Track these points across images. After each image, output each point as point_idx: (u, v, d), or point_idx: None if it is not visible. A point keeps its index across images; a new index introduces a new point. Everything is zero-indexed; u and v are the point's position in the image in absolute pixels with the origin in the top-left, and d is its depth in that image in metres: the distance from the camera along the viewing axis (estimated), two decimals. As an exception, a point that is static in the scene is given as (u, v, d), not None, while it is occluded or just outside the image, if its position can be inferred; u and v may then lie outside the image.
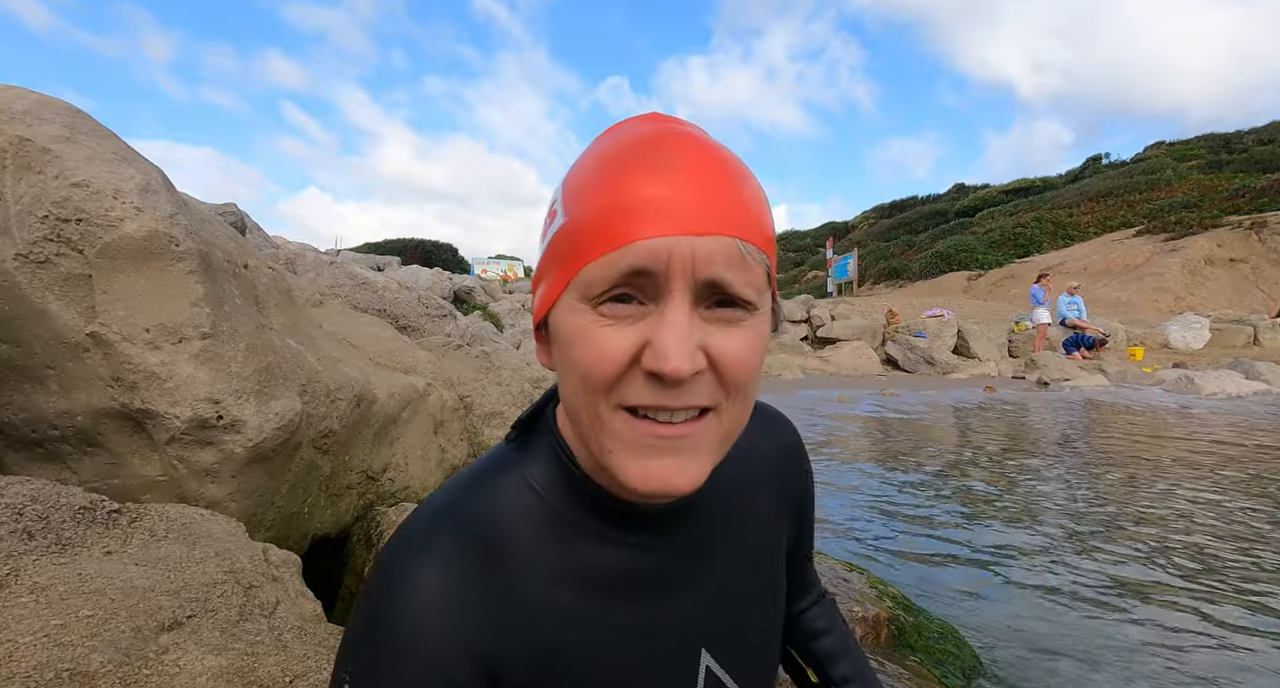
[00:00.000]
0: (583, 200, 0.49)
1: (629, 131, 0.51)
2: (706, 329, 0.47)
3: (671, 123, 0.51)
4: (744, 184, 0.48)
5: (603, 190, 0.47)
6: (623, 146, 0.49)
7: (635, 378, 0.47)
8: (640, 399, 0.47)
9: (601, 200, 0.47)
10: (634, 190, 0.46)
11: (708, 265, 0.45)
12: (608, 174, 0.48)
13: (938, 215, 40.07)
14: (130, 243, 1.53)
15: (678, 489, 0.48)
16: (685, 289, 0.46)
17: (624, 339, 0.46)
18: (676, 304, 0.46)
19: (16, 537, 1.16)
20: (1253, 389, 8.37)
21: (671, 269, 0.45)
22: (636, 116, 0.54)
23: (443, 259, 32.61)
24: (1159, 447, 5.39)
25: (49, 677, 0.91)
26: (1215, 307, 18.00)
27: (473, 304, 15.96)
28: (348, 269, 3.47)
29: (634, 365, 0.47)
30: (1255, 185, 24.81)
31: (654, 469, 0.48)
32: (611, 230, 0.46)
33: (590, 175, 0.49)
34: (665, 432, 0.47)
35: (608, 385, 0.47)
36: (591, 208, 0.47)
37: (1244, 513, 3.54)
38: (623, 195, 0.46)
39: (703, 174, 0.47)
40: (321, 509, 2.03)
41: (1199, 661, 2.10)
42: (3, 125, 1.51)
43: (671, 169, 0.47)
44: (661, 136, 0.49)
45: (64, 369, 1.55)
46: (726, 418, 0.50)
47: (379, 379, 2.36)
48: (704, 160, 0.48)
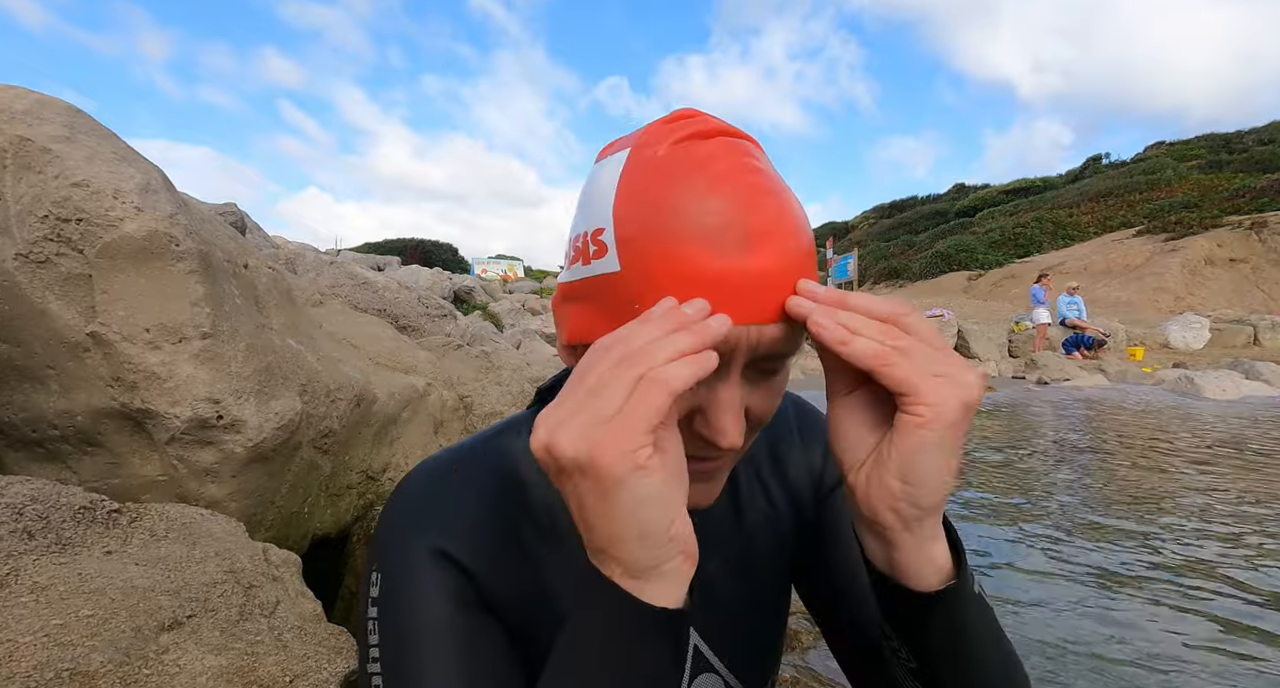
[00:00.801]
0: (643, 254, 0.45)
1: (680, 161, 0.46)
2: (748, 390, 0.48)
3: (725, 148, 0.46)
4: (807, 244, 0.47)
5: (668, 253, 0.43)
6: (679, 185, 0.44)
7: (683, 430, 0.46)
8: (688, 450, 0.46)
9: (667, 267, 0.43)
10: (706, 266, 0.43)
11: (768, 346, 0.46)
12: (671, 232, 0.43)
13: (938, 215, 40.08)
14: (130, 243, 1.53)
15: (702, 507, 0.51)
16: (740, 365, 0.46)
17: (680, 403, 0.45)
18: (733, 383, 0.46)
19: (16, 537, 1.16)
20: (1253, 390, 8.37)
21: (735, 353, 0.45)
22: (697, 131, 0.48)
23: (443, 259, 32.63)
24: (1164, 446, 5.39)
25: (49, 677, 0.91)
26: (1215, 307, 18.00)
27: (473, 304, 15.97)
28: (348, 269, 3.47)
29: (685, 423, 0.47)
30: (1255, 185, 24.81)
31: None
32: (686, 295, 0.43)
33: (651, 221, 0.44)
34: (700, 468, 0.49)
35: None
36: (656, 272, 0.44)
37: (1251, 511, 3.54)
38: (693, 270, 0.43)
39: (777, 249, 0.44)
40: (322, 509, 2.03)
41: (1200, 662, 2.09)
42: (3, 125, 1.51)
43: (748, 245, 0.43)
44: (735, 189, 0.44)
45: (64, 369, 1.55)
46: (745, 447, 0.53)
47: (379, 379, 2.36)
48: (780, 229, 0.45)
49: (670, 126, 0.48)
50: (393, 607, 0.52)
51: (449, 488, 0.57)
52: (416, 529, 0.54)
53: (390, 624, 0.51)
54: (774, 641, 0.70)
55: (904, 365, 0.41)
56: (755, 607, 0.67)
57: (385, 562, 0.54)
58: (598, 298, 0.48)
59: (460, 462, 0.60)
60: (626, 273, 0.45)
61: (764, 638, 0.68)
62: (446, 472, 0.59)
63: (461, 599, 0.52)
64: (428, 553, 0.53)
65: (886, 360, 0.41)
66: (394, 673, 0.50)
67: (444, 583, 0.52)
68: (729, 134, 0.48)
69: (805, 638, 1.97)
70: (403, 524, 0.55)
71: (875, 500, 0.44)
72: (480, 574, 0.54)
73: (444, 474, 0.59)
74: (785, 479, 0.69)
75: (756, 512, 0.67)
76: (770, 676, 0.69)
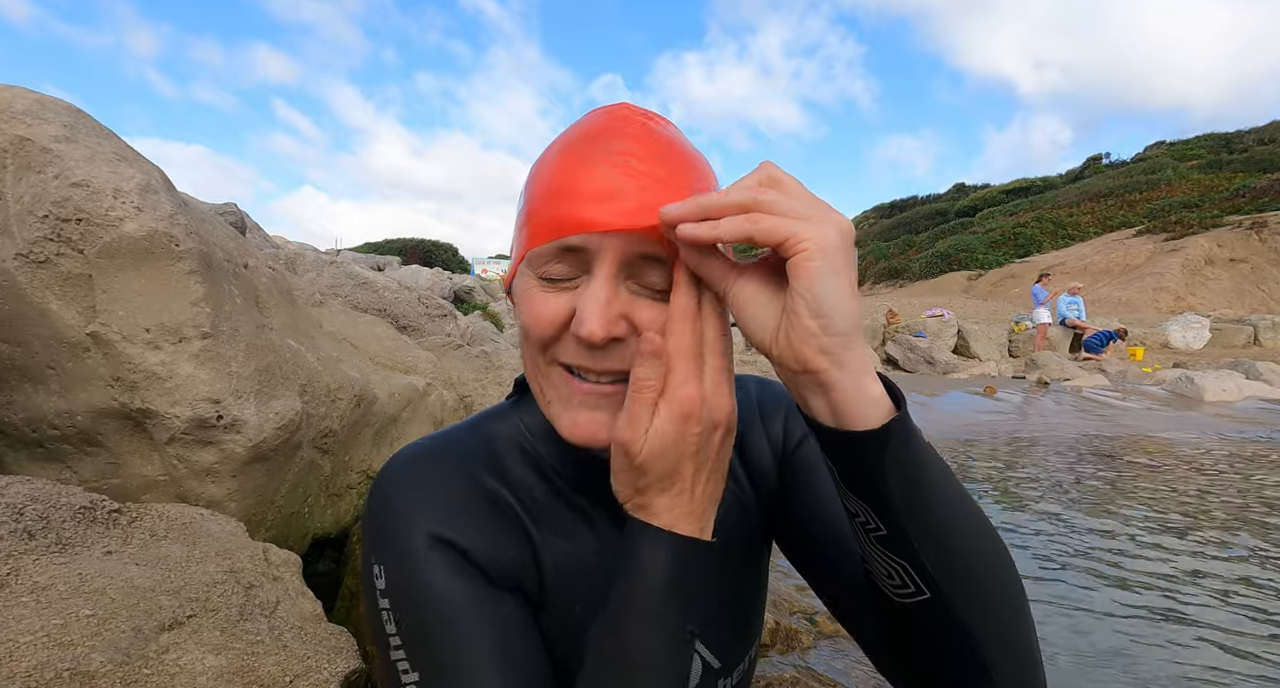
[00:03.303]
0: (536, 183, 0.55)
1: (590, 121, 0.56)
2: (632, 301, 0.53)
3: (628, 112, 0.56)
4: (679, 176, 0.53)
5: (551, 176, 0.54)
6: (577, 136, 0.55)
7: (569, 339, 0.53)
8: (569, 358, 0.54)
9: (548, 186, 0.53)
10: (575, 180, 0.52)
11: (631, 248, 0.51)
12: (558, 161, 0.54)
13: (938, 215, 40.07)
14: (130, 242, 1.53)
15: (600, 440, 0.54)
16: (611, 263, 0.51)
17: (559, 304, 0.53)
18: (601, 278, 0.51)
19: (17, 537, 1.16)
20: (1254, 390, 8.36)
21: (600, 251, 0.51)
22: (605, 107, 0.58)
23: (443, 259, 32.63)
24: (1167, 446, 5.39)
25: (49, 677, 0.91)
26: (1215, 306, 17.99)
27: (473, 304, 15.95)
28: (348, 269, 3.47)
29: (566, 328, 0.53)
30: (1255, 185, 24.81)
31: (581, 420, 0.55)
32: (551, 214, 0.52)
33: (545, 163, 0.56)
34: (590, 389, 0.54)
35: (544, 343, 0.54)
36: (539, 192, 0.54)
37: (1260, 514, 3.54)
38: (565, 183, 0.52)
39: (641, 166, 0.52)
40: (322, 509, 2.03)
41: (1202, 663, 2.09)
42: (3, 125, 1.51)
43: (612, 160, 0.52)
44: (611, 129, 0.54)
45: (64, 369, 1.55)
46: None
47: (379, 379, 2.36)
48: (646, 151, 0.52)
49: None
50: (406, 596, 0.54)
51: (434, 474, 0.60)
52: (410, 518, 0.57)
53: (408, 613, 0.53)
54: (750, 618, 0.71)
55: (771, 220, 0.44)
56: (731, 582, 0.68)
57: (385, 553, 0.56)
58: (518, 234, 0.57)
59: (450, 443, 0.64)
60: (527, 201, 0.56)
61: (740, 616, 0.69)
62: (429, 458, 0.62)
63: (467, 575, 0.55)
64: (425, 539, 0.55)
65: (755, 223, 0.44)
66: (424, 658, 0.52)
67: (447, 564, 0.55)
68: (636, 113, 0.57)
69: (805, 638, 1.97)
70: (395, 514, 0.57)
71: (799, 347, 0.45)
72: (475, 550, 0.57)
73: (426, 461, 0.61)
74: (748, 459, 0.71)
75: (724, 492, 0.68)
76: (748, 653, 0.70)
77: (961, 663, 0.50)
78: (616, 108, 0.57)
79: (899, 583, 0.49)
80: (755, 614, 0.72)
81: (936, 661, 0.52)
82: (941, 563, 0.47)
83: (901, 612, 0.51)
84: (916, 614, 0.50)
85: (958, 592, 0.48)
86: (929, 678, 0.54)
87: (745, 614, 0.70)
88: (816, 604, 2.11)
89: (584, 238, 0.51)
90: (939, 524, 0.47)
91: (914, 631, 0.52)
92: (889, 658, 0.59)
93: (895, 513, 0.46)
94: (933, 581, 0.48)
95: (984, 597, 0.49)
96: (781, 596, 2.16)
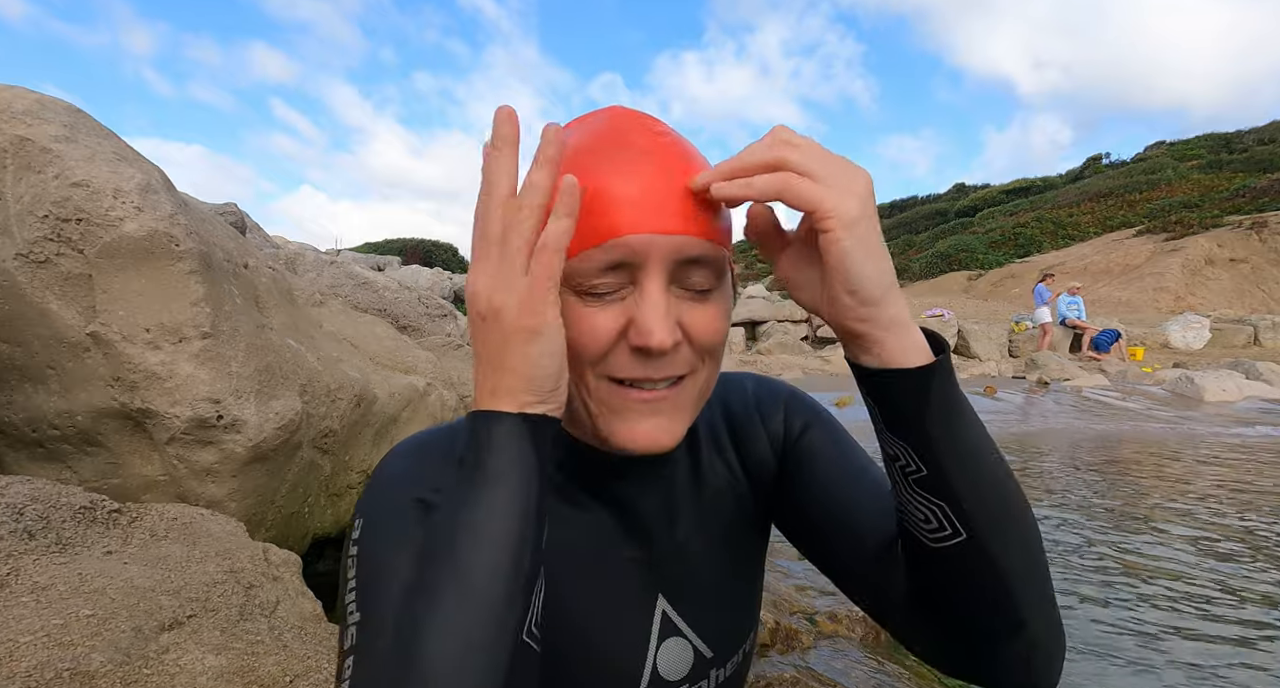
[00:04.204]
0: None
1: (593, 126, 0.56)
2: (680, 306, 0.53)
3: (631, 116, 0.56)
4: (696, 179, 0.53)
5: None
6: (589, 142, 0.54)
7: (621, 352, 0.53)
8: (626, 372, 0.53)
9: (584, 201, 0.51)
10: (606, 186, 0.51)
11: (677, 254, 0.51)
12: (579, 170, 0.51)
13: (938, 215, 40.08)
14: (130, 242, 1.53)
15: (663, 445, 0.55)
16: (659, 272, 0.51)
17: (609, 319, 0.52)
18: (654, 286, 0.51)
19: (17, 537, 1.16)
20: (1254, 390, 8.36)
21: (648, 259, 0.50)
22: (600, 110, 0.58)
23: (443, 259, 32.64)
24: (1170, 449, 5.39)
25: (49, 676, 0.91)
26: (1215, 307, 17.99)
27: (473, 304, 15.95)
28: (348, 269, 3.47)
29: (619, 341, 0.52)
30: (1255, 185, 24.81)
31: (640, 430, 0.54)
32: (589, 224, 0.50)
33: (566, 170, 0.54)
34: (648, 397, 0.54)
35: (595, 360, 0.53)
36: None
37: (1254, 518, 3.54)
38: (596, 191, 0.51)
39: (665, 170, 0.52)
40: (322, 509, 2.03)
41: (1201, 664, 2.09)
42: (3, 125, 1.51)
43: (637, 165, 0.51)
44: (622, 130, 0.54)
45: (64, 369, 1.55)
46: (701, 380, 0.56)
47: (379, 379, 2.36)
48: (665, 154, 0.52)
49: None
50: (369, 540, 0.53)
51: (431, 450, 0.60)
52: (400, 482, 0.57)
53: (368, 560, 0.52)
54: (744, 609, 0.71)
55: (802, 185, 0.47)
56: (723, 575, 0.68)
57: (368, 507, 0.56)
58: None
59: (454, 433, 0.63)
60: None
61: (734, 606, 0.69)
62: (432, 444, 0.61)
63: None
64: (410, 500, 0.55)
65: (787, 185, 0.47)
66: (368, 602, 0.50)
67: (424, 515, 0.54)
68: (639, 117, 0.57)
69: (805, 638, 1.97)
70: (388, 478, 0.58)
71: (843, 319, 0.50)
72: None
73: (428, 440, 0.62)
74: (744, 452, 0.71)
75: (719, 480, 0.69)
76: (743, 645, 0.70)
77: (994, 606, 0.52)
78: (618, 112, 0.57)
79: (936, 526, 0.52)
80: (750, 606, 0.72)
81: (969, 606, 0.53)
82: (978, 502, 0.50)
83: (933, 558, 0.53)
84: (950, 558, 0.52)
85: (991, 530, 0.50)
86: (960, 627, 0.55)
87: (739, 604, 0.70)
88: (816, 604, 2.11)
89: (632, 249, 0.50)
90: (975, 463, 0.51)
91: (947, 577, 0.53)
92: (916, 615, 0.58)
93: (936, 451, 0.50)
94: (969, 519, 0.50)
95: (1016, 536, 0.52)
96: (781, 596, 2.16)
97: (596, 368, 0.53)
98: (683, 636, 0.64)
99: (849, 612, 2.09)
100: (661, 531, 0.64)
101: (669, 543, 0.64)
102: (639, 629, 0.62)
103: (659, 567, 0.64)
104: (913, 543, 0.55)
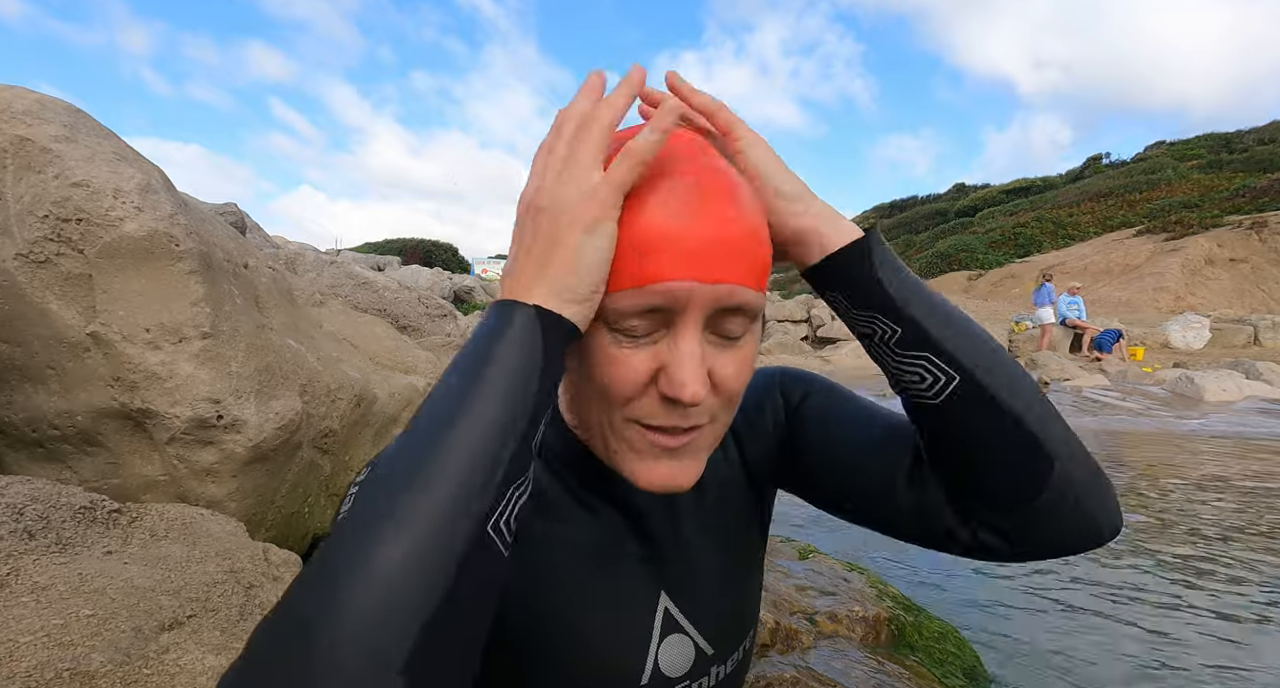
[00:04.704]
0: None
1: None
2: (711, 353, 0.51)
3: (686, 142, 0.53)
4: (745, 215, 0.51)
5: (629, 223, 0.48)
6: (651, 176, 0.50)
7: (650, 397, 0.51)
8: (654, 419, 0.51)
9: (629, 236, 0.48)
10: (650, 224, 0.48)
11: (717, 304, 0.49)
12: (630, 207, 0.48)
13: (938, 215, 40.06)
14: (130, 242, 1.53)
15: (681, 487, 0.54)
16: (697, 322, 0.49)
17: (641, 363, 0.50)
18: (690, 335, 0.49)
19: (17, 537, 1.16)
20: (1254, 390, 8.36)
21: (689, 306, 0.48)
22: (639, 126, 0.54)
23: (443, 259, 32.63)
24: (1170, 452, 5.39)
25: (49, 677, 0.91)
26: (1215, 307, 17.98)
27: (473, 304, 15.98)
28: (348, 269, 3.47)
29: (649, 386, 0.50)
30: (1255, 185, 24.79)
31: (659, 471, 0.53)
32: (630, 264, 0.48)
33: None
34: (670, 443, 0.52)
35: (624, 402, 0.51)
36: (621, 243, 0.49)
37: (1265, 522, 3.54)
38: (640, 228, 0.48)
39: (711, 208, 0.49)
40: (322, 509, 2.03)
41: (1200, 665, 2.09)
42: (3, 125, 1.51)
43: (687, 206, 0.48)
44: (678, 161, 0.50)
45: (64, 369, 1.55)
46: (720, 424, 0.55)
47: (379, 379, 2.36)
48: (711, 190, 0.49)
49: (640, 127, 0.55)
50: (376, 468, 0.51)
51: None
52: None
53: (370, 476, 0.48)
54: (746, 606, 0.71)
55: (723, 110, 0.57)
56: (725, 571, 0.68)
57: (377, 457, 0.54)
58: None
59: None
60: None
61: (735, 602, 0.69)
62: None
63: None
64: None
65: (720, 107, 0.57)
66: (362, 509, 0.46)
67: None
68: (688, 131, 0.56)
69: (805, 638, 1.97)
70: None
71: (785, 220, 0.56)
72: None
73: None
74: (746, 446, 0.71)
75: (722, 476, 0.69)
76: (744, 642, 0.70)
77: (1016, 442, 0.54)
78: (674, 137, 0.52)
79: (931, 380, 0.55)
80: (750, 602, 0.72)
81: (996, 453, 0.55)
82: (956, 341, 0.54)
83: (943, 416, 0.55)
84: (957, 407, 0.54)
85: (977, 365, 0.54)
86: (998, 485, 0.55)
87: (740, 601, 0.70)
88: (816, 604, 2.11)
89: (673, 296, 0.47)
90: (939, 306, 0.56)
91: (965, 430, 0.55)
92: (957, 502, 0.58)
93: (899, 304, 0.55)
94: (955, 360, 0.54)
95: (1006, 372, 0.55)
96: (781, 596, 2.16)
97: (624, 410, 0.52)
98: (684, 632, 0.63)
99: (849, 612, 2.09)
100: (665, 528, 0.64)
101: (672, 540, 0.64)
102: (641, 626, 0.62)
103: (662, 563, 0.64)
104: (922, 413, 0.57)
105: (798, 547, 2.62)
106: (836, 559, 2.56)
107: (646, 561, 0.63)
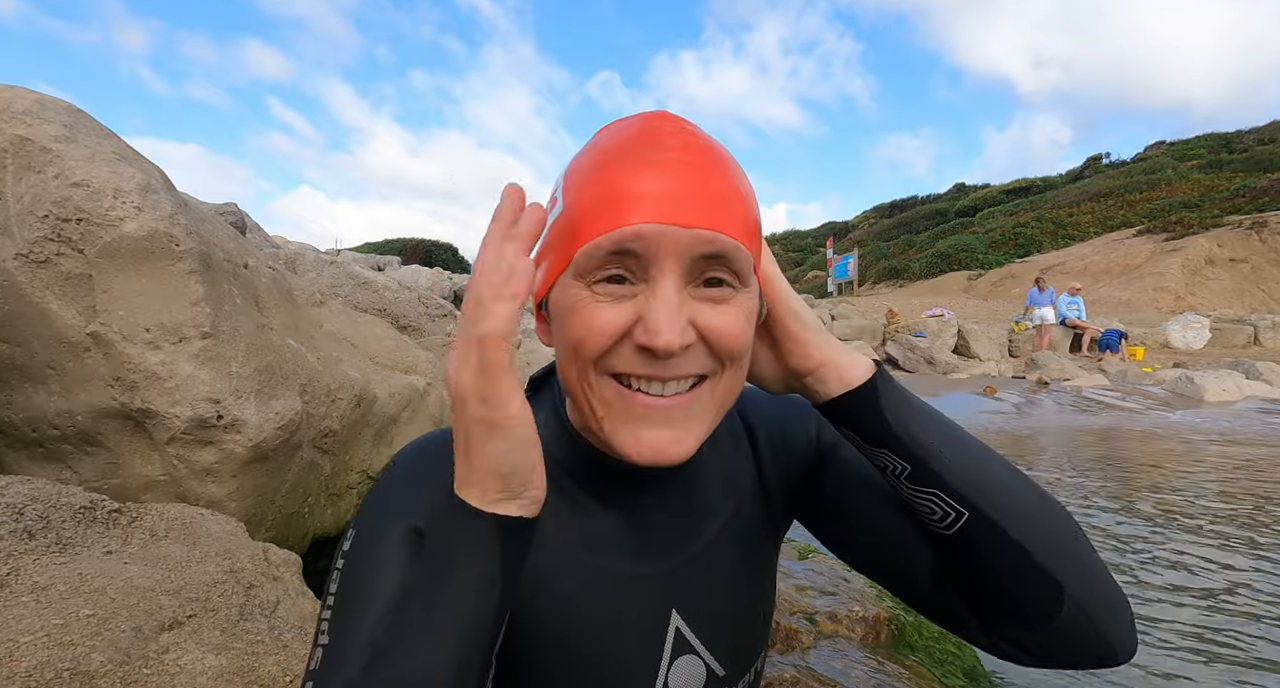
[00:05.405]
0: (579, 190, 0.53)
1: (626, 127, 0.55)
2: (695, 306, 0.51)
3: (666, 119, 0.55)
4: (727, 179, 0.52)
5: (598, 181, 0.51)
6: (618, 141, 0.53)
7: (625, 349, 0.51)
8: (629, 368, 0.51)
9: (596, 190, 0.51)
10: (626, 182, 0.50)
11: (694, 250, 0.49)
12: (603, 167, 0.52)
13: (938, 215, 40.06)
14: (130, 242, 1.53)
15: (672, 458, 0.52)
16: (673, 268, 0.49)
17: (616, 314, 0.50)
18: (667, 283, 0.49)
19: (17, 536, 1.16)
20: (1254, 390, 8.36)
21: (660, 252, 0.49)
22: (638, 114, 0.57)
23: (443, 259, 32.64)
24: (1172, 455, 5.39)
25: (49, 676, 0.91)
26: (1216, 307, 17.98)
27: (473, 304, 15.91)
28: (348, 269, 3.47)
29: (625, 339, 0.50)
30: (1256, 185, 24.79)
31: (647, 439, 0.52)
32: (604, 216, 0.50)
33: (587, 168, 0.54)
34: (656, 404, 0.51)
35: (598, 355, 0.51)
36: (587, 196, 0.52)
37: (1263, 526, 3.54)
38: (616, 186, 0.50)
39: (689, 169, 0.51)
40: (322, 509, 2.03)
41: (1199, 666, 2.10)
42: (3, 125, 1.51)
43: (660, 163, 0.50)
44: (653, 132, 0.53)
45: (64, 369, 1.55)
46: (721, 387, 0.54)
47: (379, 379, 2.36)
48: (691, 155, 0.51)
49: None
50: (354, 564, 0.53)
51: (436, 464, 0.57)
52: (397, 501, 0.55)
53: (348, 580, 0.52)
54: (757, 626, 0.70)
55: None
56: (738, 591, 0.67)
57: (361, 522, 0.56)
58: (553, 242, 0.54)
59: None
60: (567, 206, 0.53)
61: (747, 623, 0.68)
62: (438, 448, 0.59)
63: None
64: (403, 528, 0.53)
65: None
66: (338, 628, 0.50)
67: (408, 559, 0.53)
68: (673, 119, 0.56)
69: (805, 638, 1.97)
70: (388, 493, 0.57)
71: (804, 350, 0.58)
72: None
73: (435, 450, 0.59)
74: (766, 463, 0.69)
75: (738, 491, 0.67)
76: (755, 663, 0.69)
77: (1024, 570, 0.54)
78: (654, 115, 0.55)
79: (941, 514, 0.56)
80: (763, 623, 0.71)
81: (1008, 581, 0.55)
82: (965, 475, 0.55)
83: (956, 547, 0.57)
84: (967, 540, 0.55)
85: (988, 502, 0.54)
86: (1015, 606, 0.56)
87: (752, 621, 0.68)
88: (816, 604, 2.11)
89: (643, 241, 0.48)
90: (949, 438, 0.56)
91: (978, 560, 0.56)
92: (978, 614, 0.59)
93: (907, 442, 0.55)
94: (963, 497, 0.54)
95: (1015, 501, 0.55)
96: (781, 596, 2.16)
97: (599, 364, 0.51)
98: (695, 653, 0.62)
99: (849, 612, 2.09)
100: (676, 544, 0.62)
101: (685, 557, 0.62)
102: (651, 646, 0.60)
103: (674, 582, 0.62)
104: (938, 542, 0.58)
105: (797, 547, 2.62)
106: (836, 559, 2.56)
107: (656, 578, 0.61)
